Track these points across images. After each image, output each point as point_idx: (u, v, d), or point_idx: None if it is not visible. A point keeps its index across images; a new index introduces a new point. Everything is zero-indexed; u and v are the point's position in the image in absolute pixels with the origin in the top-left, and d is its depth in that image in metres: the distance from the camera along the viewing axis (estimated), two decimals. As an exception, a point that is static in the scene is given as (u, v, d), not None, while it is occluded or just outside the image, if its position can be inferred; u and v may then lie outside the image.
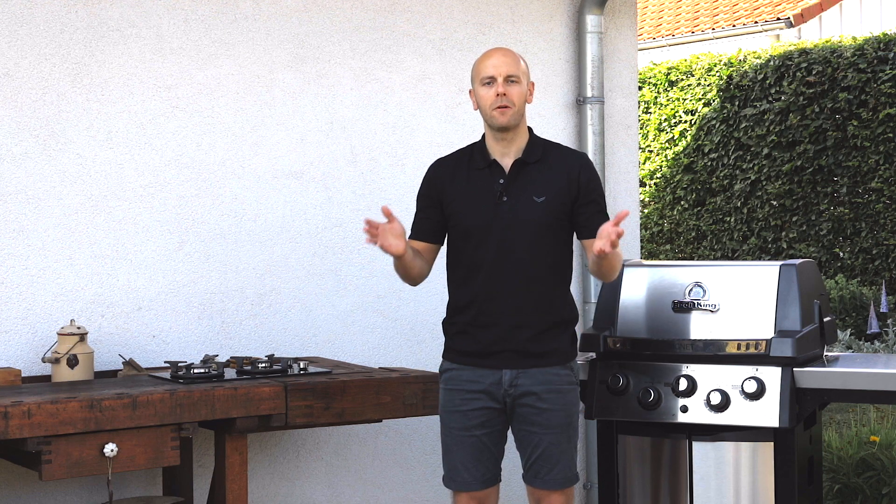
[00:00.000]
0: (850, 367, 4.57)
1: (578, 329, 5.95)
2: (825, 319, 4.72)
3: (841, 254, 13.11)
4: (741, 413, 4.46)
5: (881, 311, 8.67)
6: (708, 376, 4.53)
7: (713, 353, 4.54)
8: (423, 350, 5.58)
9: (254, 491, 5.05)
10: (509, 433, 4.31)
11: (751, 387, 4.44)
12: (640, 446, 4.71)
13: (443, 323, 4.36)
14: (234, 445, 4.42)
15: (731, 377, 4.50)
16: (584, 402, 4.72)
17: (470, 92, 4.31)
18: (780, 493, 4.52)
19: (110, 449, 4.07)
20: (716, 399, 4.47)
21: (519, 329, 4.19)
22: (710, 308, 4.62)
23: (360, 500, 5.44)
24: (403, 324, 5.56)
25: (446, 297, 4.35)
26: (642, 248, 14.17)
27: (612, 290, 4.80)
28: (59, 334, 4.55)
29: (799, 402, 4.47)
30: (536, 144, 4.28)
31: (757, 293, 4.58)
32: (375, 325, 5.50)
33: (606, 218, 4.23)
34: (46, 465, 3.99)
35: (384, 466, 5.45)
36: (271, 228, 5.24)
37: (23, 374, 4.53)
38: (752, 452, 4.55)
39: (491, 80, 4.18)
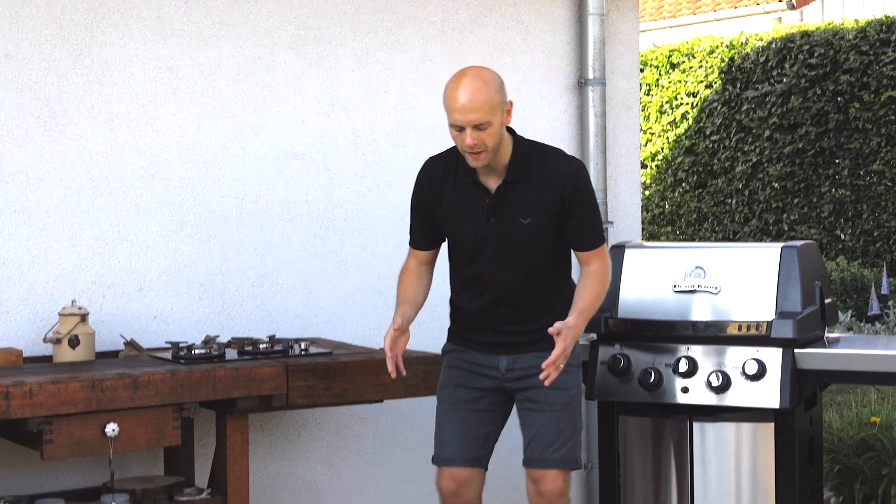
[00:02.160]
0: (850, 349, 4.58)
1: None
2: (826, 301, 4.73)
3: (842, 236, 13.11)
4: (742, 394, 4.47)
5: (882, 293, 8.67)
6: (709, 357, 4.54)
7: (714, 334, 4.55)
8: (424, 331, 5.57)
9: (255, 470, 5.06)
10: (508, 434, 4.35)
11: (752, 368, 4.44)
12: (641, 427, 4.72)
13: (449, 301, 4.39)
14: (235, 425, 4.43)
15: (731, 358, 4.50)
16: (584, 383, 4.73)
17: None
18: (781, 474, 4.53)
19: (111, 429, 4.08)
20: (716, 380, 4.48)
21: (516, 333, 4.27)
22: (711, 290, 4.62)
23: (361, 479, 5.45)
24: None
25: (447, 278, 4.36)
26: (643, 230, 14.18)
27: (613, 272, 4.79)
28: (60, 315, 4.55)
29: (800, 383, 4.48)
30: (520, 158, 4.14)
31: (758, 275, 4.58)
32: (376, 305, 5.50)
33: (593, 224, 4.18)
34: (48, 444, 4.00)
35: (385, 446, 5.46)
36: (272, 210, 5.24)
37: (24, 355, 4.54)
38: (753, 433, 4.56)
39: (459, 128, 4.01)
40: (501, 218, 4.14)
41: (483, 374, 4.29)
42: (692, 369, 4.53)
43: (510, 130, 4.19)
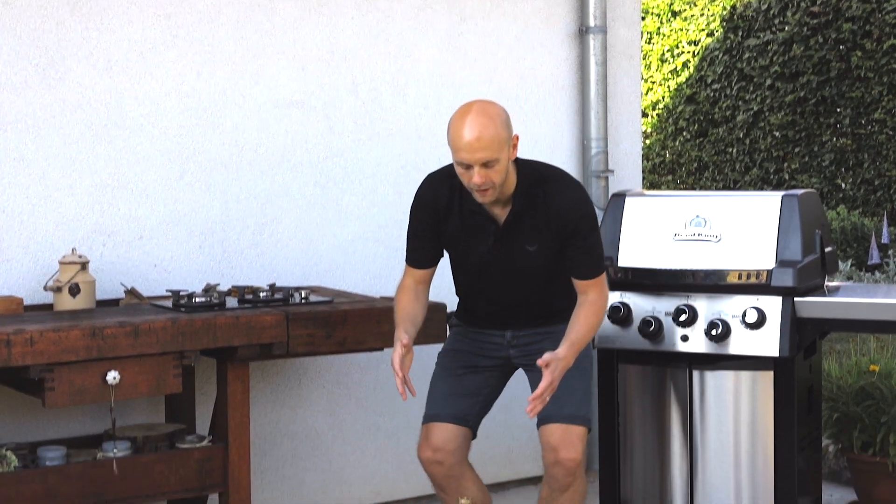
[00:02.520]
0: (850, 297, 4.58)
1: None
2: (826, 250, 4.72)
3: (843, 185, 13.09)
4: (741, 342, 4.47)
5: (882, 242, 8.67)
6: (709, 306, 4.54)
7: (714, 282, 4.55)
8: (425, 280, 5.58)
9: (256, 418, 5.08)
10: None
11: (751, 316, 4.45)
12: (641, 375, 4.73)
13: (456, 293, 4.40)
14: (235, 373, 4.44)
15: (731, 307, 4.51)
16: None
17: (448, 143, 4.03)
18: (780, 422, 4.55)
19: (112, 377, 4.09)
20: (716, 329, 4.48)
21: (523, 321, 4.28)
22: (711, 238, 4.62)
23: (361, 427, 5.47)
24: (404, 253, 5.55)
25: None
26: (644, 178, 14.14)
27: (613, 221, 4.79)
28: (60, 263, 4.55)
29: (799, 331, 4.49)
30: (525, 187, 4.07)
31: (758, 223, 4.58)
32: (377, 254, 5.50)
33: (592, 254, 4.10)
34: (49, 392, 4.01)
35: (385, 394, 5.48)
36: (272, 158, 5.23)
37: (24, 303, 4.54)
38: (752, 381, 4.57)
39: (467, 166, 3.92)
40: (508, 245, 4.12)
41: (488, 343, 4.30)
42: (692, 318, 4.54)
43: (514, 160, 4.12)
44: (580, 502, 4.19)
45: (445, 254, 4.29)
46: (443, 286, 4.45)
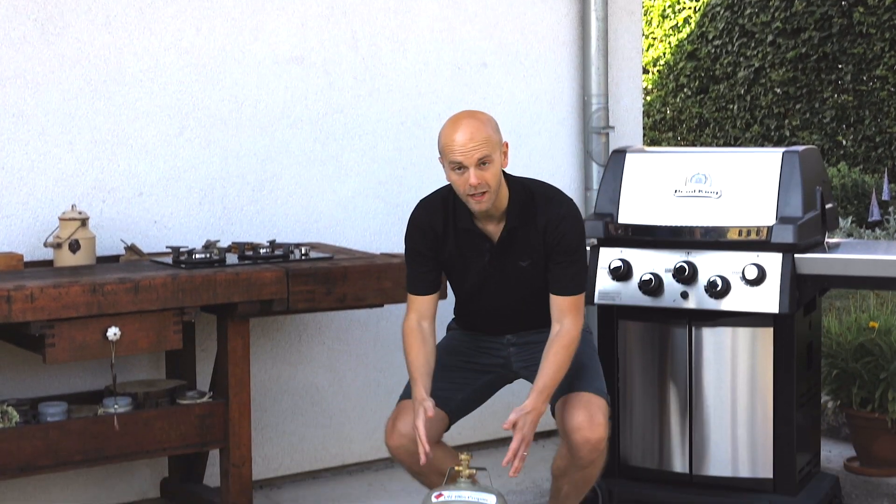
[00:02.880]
0: (850, 254, 4.58)
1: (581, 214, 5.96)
2: (827, 206, 4.72)
3: (844, 141, 13.07)
4: (741, 299, 4.48)
5: (883, 198, 8.66)
6: (709, 262, 4.54)
7: (714, 239, 4.55)
8: (425, 236, 5.58)
9: (256, 375, 5.09)
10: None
11: (751, 273, 4.45)
12: (641, 331, 4.74)
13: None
14: (236, 330, 4.45)
15: (731, 263, 4.51)
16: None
17: (439, 159, 4.02)
18: (779, 378, 4.56)
19: (113, 333, 4.10)
20: (717, 285, 4.48)
21: (518, 334, 4.27)
22: (711, 195, 4.61)
23: (361, 383, 5.49)
24: (405, 210, 5.53)
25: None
26: (644, 135, 14.12)
27: (613, 177, 4.79)
28: (60, 219, 4.55)
29: (799, 288, 4.49)
30: (518, 203, 4.06)
31: (759, 180, 4.57)
32: (377, 210, 5.50)
33: (570, 272, 4.06)
34: (50, 348, 4.02)
35: (385, 351, 5.49)
36: (272, 114, 5.22)
37: (24, 259, 4.54)
38: (752, 338, 4.58)
39: (461, 167, 3.91)
40: (502, 262, 4.11)
41: (486, 342, 4.28)
42: (692, 274, 4.54)
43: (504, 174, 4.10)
44: (597, 477, 4.15)
45: None
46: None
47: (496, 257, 4.10)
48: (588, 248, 4.73)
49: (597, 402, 4.03)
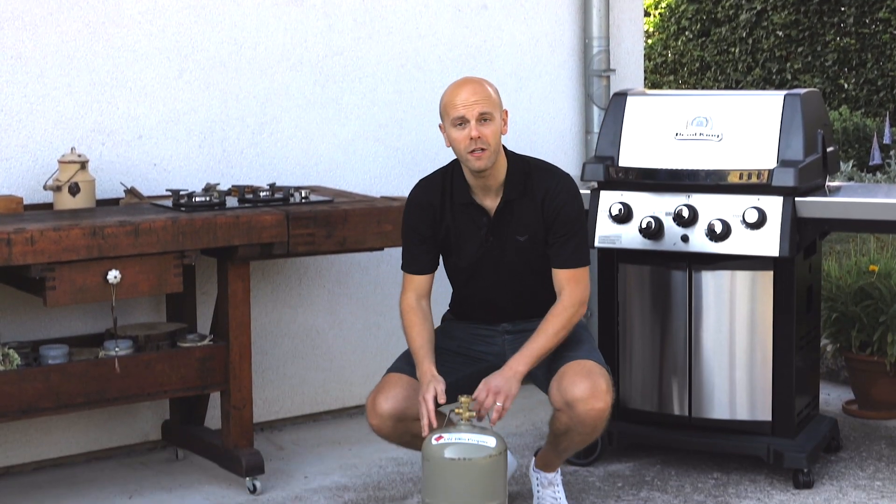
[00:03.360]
0: (851, 197, 4.58)
1: (581, 158, 5.95)
2: (828, 150, 4.71)
3: (846, 85, 13.01)
4: (742, 242, 4.48)
5: (884, 142, 8.62)
6: (709, 206, 4.53)
7: (715, 182, 4.54)
8: (425, 179, 5.57)
9: (256, 318, 5.10)
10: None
11: (752, 216, 4.44)
12: (641, 275, 4.74)
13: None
14: (236, 273, 4.45)
15: (732, 207, 4.50)
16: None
17: (440, 126, 4.05)
18: (779, 321, 4.57)
19: (113, 276, 4.10)
20: (717, 228, 4.48)
21: (514, 323, 4.22)
22: (712, 138, 4.60)
23: (361, 326, 5.50)
24: (405, 153, 5.55)
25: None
26: (646, 79, 14.06)
27: (614, 121, 4.77)
28: (59, 162, 4.54)
29: (799, 231, 4.49)
30: (515, 174, 4.05)
31: (760, 123, 4.56)
32: (377, 153, 5.48)
33: (570, 244, 4.04)
34: (50, 291, 4.02)
35: (385, 294, 5.49)
36: (272, 56, 5.19)
37: (24, 202, 4.54)
38: (752, 281, 4.58)
39: (462, 122, 3.92)
40: (499, 237, 4.08)
41: (482, 331, 4.24)
42: (692, 217, 4.53)
43: (502, 147, 4.08)
44: (598, 436, 4.10)
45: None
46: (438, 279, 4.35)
47: (493, 231, 4.08)
48: (589, 192, 4.73)
49: (598, 370, 3.98)
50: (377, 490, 4.59)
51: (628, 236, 4.64)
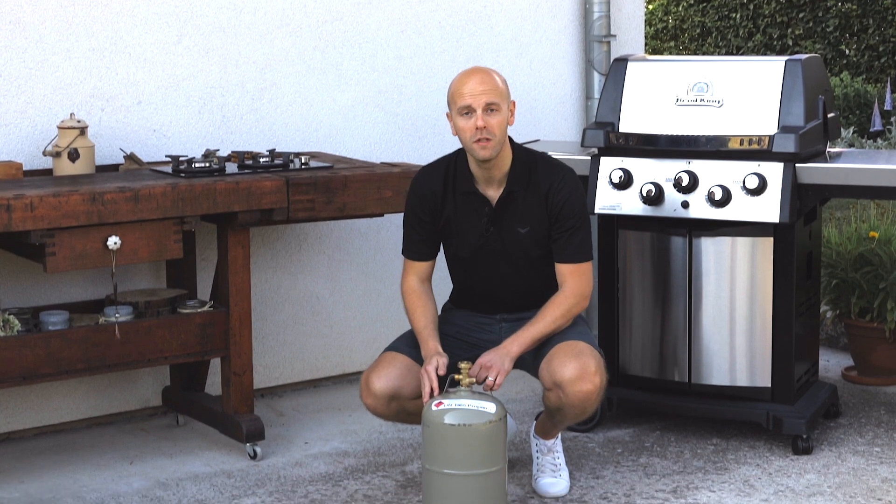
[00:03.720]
0: (851, 164, 4.57)
1: (581, 124, 5.95)
2: (829, 116, 4.70)
3: (847, 51, 12.98)
4: (742, 208, 4.47)
5: (885, 108, 8.60)
6: (710, 172, 4.53)
7: (716, 148, 4.53)
8: (425, 145, 5.57)
9: (256, 284, 5.10)
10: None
11: (752, 182, 4.44)
12: (641, 241, 4.74)
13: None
14: (236, 239, 4.45)
15: (732, 173, 4.49)
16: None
17: (447, 115, 4.03)
18: (779, 288, 4.57)
19: (113, 242, 4.10)
20: (717, 194, 4.48)
21: (511, 314, 4.20)
22: (713, 104, 4.59)
23: (361, 292, 5.50)
24: (405, 119, 5.54)
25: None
26: (646, 44, 14.03)
27: (615, 86, 4.76)
28: (59, 128, 4.53)
29: (800, 197, 4.48)
30: (520, 166, 4.04)
31: (761, 89, 4.54)
32: (377, 119, 5.47)
33: (573, 239, 4.02)
34: (50, 257, 4.02)
35: (385, 260, 5.50)
36: (271, 21, 5.17)
37: (24, 168, 4.53)
38: (752, 247, 4.58)
39: (469, 111, 3.91)
40: (500, 227, 4.07)
41: (479, 319, 4.23)
42: (693, 183, 4.53)
43: (508, 139, 4.07)
44: (594, 411, 4.09)
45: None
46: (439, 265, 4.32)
47: (495, 221, 4.07)
48: (589, 157, 4.72)
49: (589, 350, 3.96)
50: (377, 456, 4.60)
51: (628, 202, 4.64)
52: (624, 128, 4.69)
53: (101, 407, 4.93)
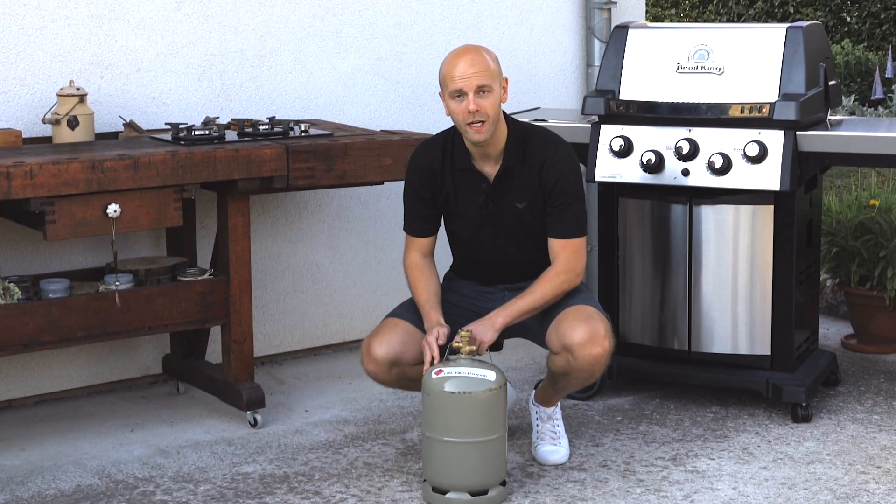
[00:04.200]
0: (852, 131, 4.56)
1: (582, 91, 5.93)
2: (830, 83, 4.69)
3: (848, 18, 12.93)
4: (742, 176, 4.47)
5: (886, 76, 8.58)
6: (710, 139, 4.52)
7: (716, 116, 4.52)
8: (425, 113, 5.55)
9: (256, 252, 5.10)
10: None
11: (753, 150, 4.43)
12: (641, 209, 4.73)
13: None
14: (236, 207, 4.44)
15: (733, 140, 4.49)
16: (585, 166, 4.72)
17: (440, 94, 4.02)
18: (779, 256, 4.57)
19: (113, 210, 4.09)
20: (718, 162, 4.47)
21: (514, 284, 4.19)
22: (714, 71, 4.58)
23: (362, 261, 5.50)
24: (405, 86, 5.52)
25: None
26: (647, 12, 13.98)
27: (615, 54, 4.74)
28: (58, 95, 4.52)
29: (800, 165, 4.48)
30: (515, 142, 4.03)
31: (762, 56, 4.53)
32: (377, 87, 5.46)
33: (567, 214, 4.01)
34: (50, 225, 4.02)
35: (386, 228, 5.49)
36: (270, -12, 5.16)
37: (23, 136, 4.52)
38: (753, 215, 4.57)
39: (461, 94, 3.90)
40: (499, 203, 4.07)
41: (481, 293, 4.24)
42: (693, 151, 4.52)
43: (503, 114, 4.06)
44: (599, 376, 4.11)
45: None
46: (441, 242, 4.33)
47: (493, 197, 4.07)
48: (590, 125, 4.71)
49: (597, 315, 3.99)
50: (377, 423, 4.61)
51: (629, 170, 4.63)
52: (624, 95, 4.68)
53: (101, 375, 4.94)
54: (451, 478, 3.82)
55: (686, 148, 4.52)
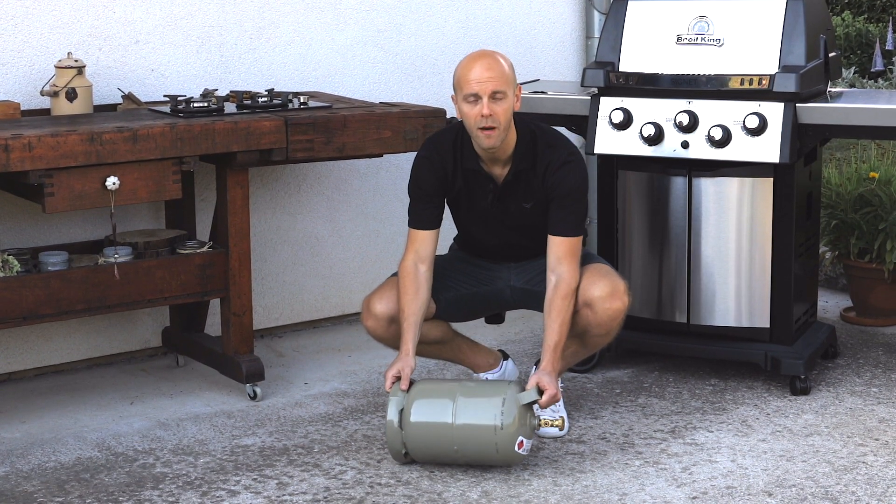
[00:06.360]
0: (852, 104, 4.55)
1: (581, 63, 5.92)
2: (830, 55, 4.67)
3: (848, -10, 12.88)
4: (742, 149, 4.46)
5: (886, 48, 8.56)
6: (710, 112, 4.51)
7: (716, 88, 4.51)
8: (424, 85, 5.54)
9: (255, 224, 5.10)
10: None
11: (752, 122, 4.42)
12: (640, 182, 4.73)
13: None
14: (235, 179, 4.44)
15: (733, 112, 4.48)
16: (584, 138, 4.72)
17: (452, 98, 4.03)
18: (778, 228, 4.56)
19: (112, 182, 4.09)
20: (717, 134, 4.46)
21: (519, 262, 4.27)
22: (714, 42, 4.56)
23: (361, 233, 5.50)
24: (404, 58, 5.51)
25: (449, 37, 4.29)
26: (647, -16, 13.94)
27: (615, 25, 4.73)
28: (56, 67, 4.51)
29: (800, 137, 4.47)
30: (524, 145, 4.04)
31: (762, 27, 4.52)
32: (376, 59, 5.44)
33: (569, 219, 4.03)
34: (49, 197, 4.01)
35: (385, 201, 5.49)
36: (269, -40, 5.14)
37: (21, 108, 4.51)
38: (752, 188, 4.57)
39: (475, 98, 3.91)
40: (506, 203, 4.10)
41: (486, 265, 4.29)
42: (693, 124, 4.51)
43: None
44: (606, 344, 4.21)
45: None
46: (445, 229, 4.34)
47: (500, 199, 4.10)
48: (589, 98, 4.70)
49: (615, 272, 4.11)
50: (376, 396, 4.62)
51: (628, 142, 4.62)
52: (624, 67, 4.67)
53: (101, 347, 4.94)
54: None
55: (686, 120, 4.51)
